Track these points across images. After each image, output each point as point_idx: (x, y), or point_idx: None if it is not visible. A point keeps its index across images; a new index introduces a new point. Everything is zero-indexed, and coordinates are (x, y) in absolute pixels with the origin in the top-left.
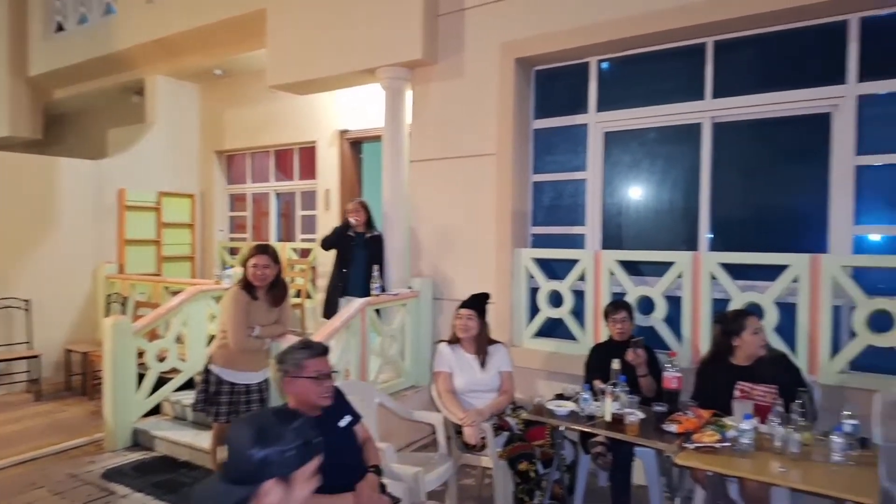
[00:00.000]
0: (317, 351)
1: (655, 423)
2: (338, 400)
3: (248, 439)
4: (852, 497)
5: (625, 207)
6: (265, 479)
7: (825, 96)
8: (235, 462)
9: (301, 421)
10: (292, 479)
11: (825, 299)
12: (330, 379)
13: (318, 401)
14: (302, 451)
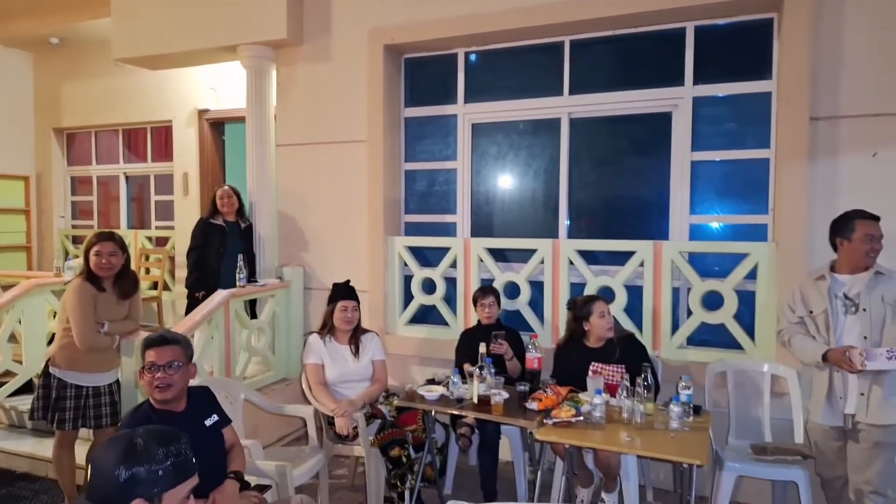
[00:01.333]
0: (152, 341)
1: (519, 402)
2: (205, 397)
3: (115, 457)
4: (686, 459)
5: (492, 197)
6: (132, 499)
7: (666, 97)
8: (99, 481)
9: (179, 442)
10: (163, 500)
11: (666, 281)
12: (163, 371)
13: (151, 393)
14: (173, 472)
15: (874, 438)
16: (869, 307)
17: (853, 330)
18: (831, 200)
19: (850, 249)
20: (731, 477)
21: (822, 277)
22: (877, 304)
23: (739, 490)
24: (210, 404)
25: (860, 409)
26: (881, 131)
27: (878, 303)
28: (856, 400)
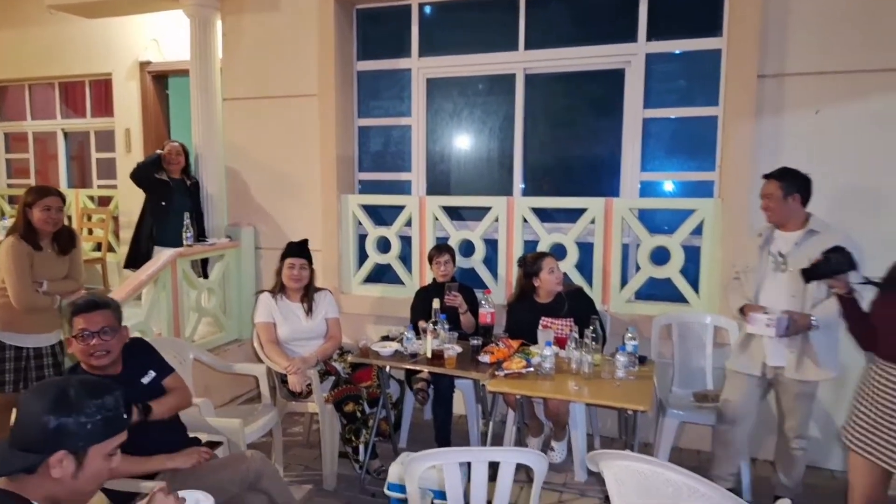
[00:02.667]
0: (80, 307)
1: (471, 356)
2: (142, 356)
3: (45, 405)
4: (630, 405)
5: (448, 154)
6: (56, 450)
7: (620, 53)
8: (25, 427)
9: (112, 396)
10: (87, 453)
11: (616, 238)
12: (98, 337)
13: (86, 360)
14: (102, 426)
15: (795, 390)
16: (795, 266)
17: (782, 288)
18: (775, 157)
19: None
20: (673, 423)
21: (761, 234)
22: (804, 263)
23: (683, 436)
24: (147, 360)
25: (789, 364)
26: (824, 89)
27: (806, 262)
28: (784, 354)
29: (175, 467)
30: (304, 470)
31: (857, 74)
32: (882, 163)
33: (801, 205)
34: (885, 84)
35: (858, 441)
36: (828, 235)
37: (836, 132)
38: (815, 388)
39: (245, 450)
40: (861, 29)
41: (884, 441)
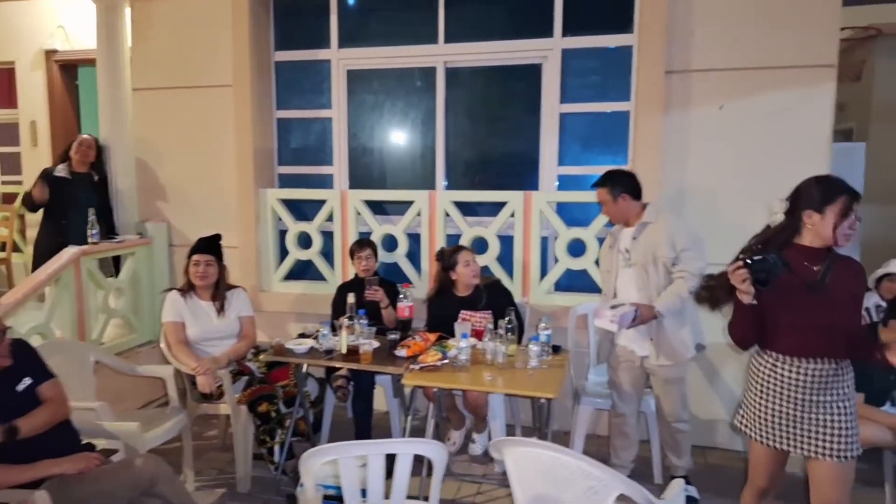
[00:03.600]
0: None
1: (389, 350)
2: (19, 361)
3: None
4: (539, 393)
5: (370, 148)
6: None
7: (537, 48)
8: None
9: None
10: None
11: (535, 231)
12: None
13: None
14: None
15: (663, 376)
16: (637, 260)
17: (630, 282)
18: (683, 150)
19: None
20: (587, 410)
21: (613, 232)
22: (642, 255)
23: (601, 423)
24: (24, 365)
25: (650, 353)
26: (727, 85)
27: (643, 254)
28: (645, 344)
29: (61, 472)
30: (218, 474)
31: (756, 71)
32: (778, 154)
33: (632, 201)
34: (781, 80)
35: (754, 428)
36: (657, 224)
37: (738, 126)
38: (682, 373)
39: (141, 454)
40: (759, 28)
41: (776, 425)
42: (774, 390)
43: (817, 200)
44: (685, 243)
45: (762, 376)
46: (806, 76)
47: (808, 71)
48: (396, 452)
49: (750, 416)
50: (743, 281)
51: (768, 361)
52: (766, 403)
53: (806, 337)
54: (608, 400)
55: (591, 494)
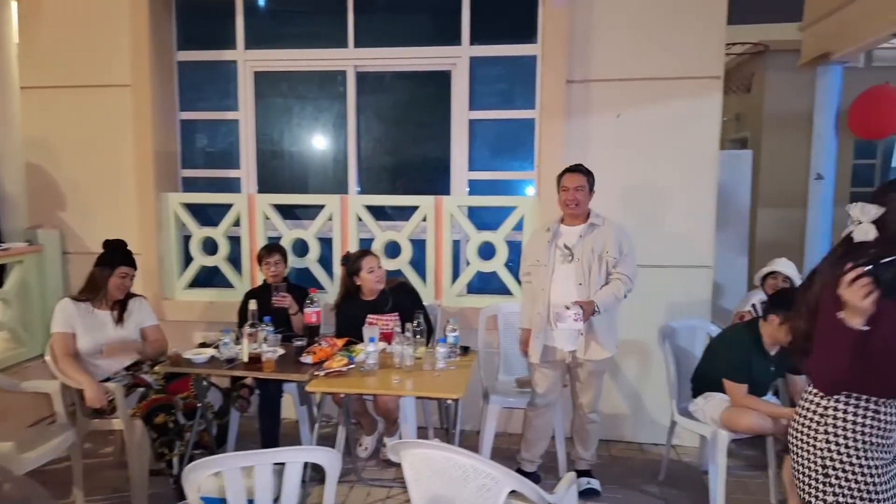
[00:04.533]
0: None
1: (294, 357)
2: None
3: None
4: (444, 395)
5: (280, 151)
6: None
7: (446, 55)
8: None
9: None
10: None
11: (447, 234)
12: None
13: None
14: None
15: (589, 368)
16: (582, 257)
17: (570, 278)
18: (584, 157)
19: (559, 201)
20: (495, 408)
21: (549, 229)
22: (588, 253)
23: (511, 421)
24: None
25: (580, 348)
26: (624, 95)
27: (589, 252)
28: (575, 339)
29: None
30: (113, 492)
31: (650, 81)
32: (671, 160)
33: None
34: (673, 90)
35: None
36: (606, 227)
37: (634, 133)
38: (605, 367)
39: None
40: (653, 40)
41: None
42: (881, 444)
43: None
44: (628, 249)
45: (861, 429)
46: (696, 87)
47: (697, 82)
48: (284, 461)
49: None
50: (866, 295)
51: (866, 408)
52: (873, 462)
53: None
54: (518, 398)
55: (484, 492)
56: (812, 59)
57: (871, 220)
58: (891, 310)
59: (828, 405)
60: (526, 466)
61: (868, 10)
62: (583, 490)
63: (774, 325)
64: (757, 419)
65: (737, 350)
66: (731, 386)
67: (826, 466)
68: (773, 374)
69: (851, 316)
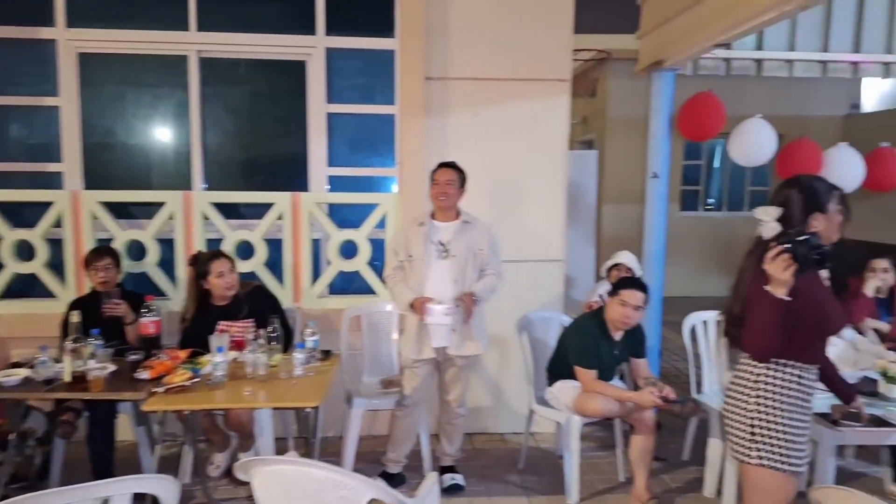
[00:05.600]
0: None
1: (129, 373)
2: None
3: None
4: (299, 404)
5: (112, 143)
6: None
7: (300, 44)
8: None
9: None
10: None
11: (305, 233)
12: None
13: None
14: None
15: (459, 364)
16: (458, 254)
17: (446, 274)
18: (444, 154)
19: (430, 194)
20: (359, 412)
21: (423, 224)
22: (463, 250)
23: (377, 423)
24: None
25: (452, 344)
26: (481, 94)
27: (465, 249)
28: (447, 335)
29: None
30: None
31: (504, 81)
32: (524, 158)
33: (460, 198)
34: (526, 91)
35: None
36: (478, 226)
37: (490, 132)
38: (474, 362)
39: None
40: (506, 42)
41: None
42: (801, 406)
43: (818, 202)
44: (496, 248)
45: (786, 392)
46: (546, 88)
47: (547, 84)
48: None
49: (780, 445)
50: (786, 268)
51: (792, 374)
52: (793, 422)
53: (825, 342)
54: (384, 399)
55: (344, 503)
56: (647, 66)
57: (776, 219)
58: (807, 282)
59: (759, 371)
60: (391, 468)
61: (693, 23)
62: (447, 486)
63: (613, 306)
64: (605, 403)
65: (585, 337)
66: (582, 372)
67: (754, 426)
68: (618, 358)
69: (776, 288)
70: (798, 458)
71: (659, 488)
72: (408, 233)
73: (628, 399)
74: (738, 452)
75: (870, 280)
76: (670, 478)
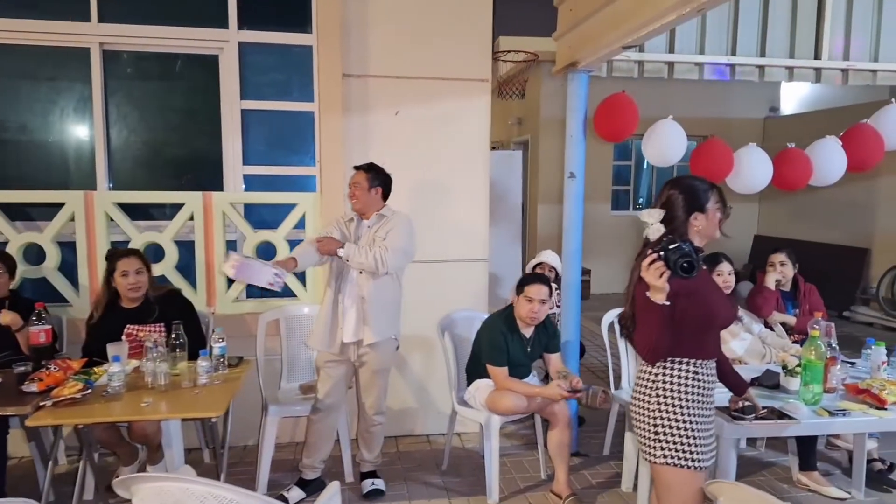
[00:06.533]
0: None
1: (16, 386)
2: None
3: None
4: (198, 414)
5: (6, 140)
6: None
7: (211, 38)
8: None
9: None
10: None
11: (219, 234)
12: None
13: None
14: None
15: (373, 367)
16: (365, 244)
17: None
18: (365, 153)
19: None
20: (274, 420)
21: (352, 220)
22: (370, 240)
23: (297, 430)
24: None
25: (366, 335)
26: (402, 92)
27: (371, 242)
28: (353, 326)
29: None
30: None
31: (425, 80)
32: (446, 158)
33: (380, 199)
34: (447, 90)
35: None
36: (393, 218)
37: (412, 131)
38: (389, 363)
39: None
40: (427, 42)
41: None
42: (701, 401)
43: (698, 201)
44: (400, 232)
45: (684, 389)
46: (467, 88)
47: (468, 84)
48: None
49: (682, 443)
50: (661, 276)
51: (687, 370)
52: (695, 419)
53: (717, 337)
54: (303, 405)
55: None
56: (564, 67)
57: (659, 221)
58: (682, 286)
59: (655, 371)
60: (307, 474)
61: (604, 24)
62: (367, 492)
63: (520, 303)
64: (514, 400)
65: (494, 334)
66: (492, 369)
67: (657, 426)
68: (531, 354)
69: (654, 294)
70: (703, 454)
71: (579, 484)
72: (341, 227)
73: (538, 394)
74: (645, 452)
75: (770, 274)
76: (590, 473)
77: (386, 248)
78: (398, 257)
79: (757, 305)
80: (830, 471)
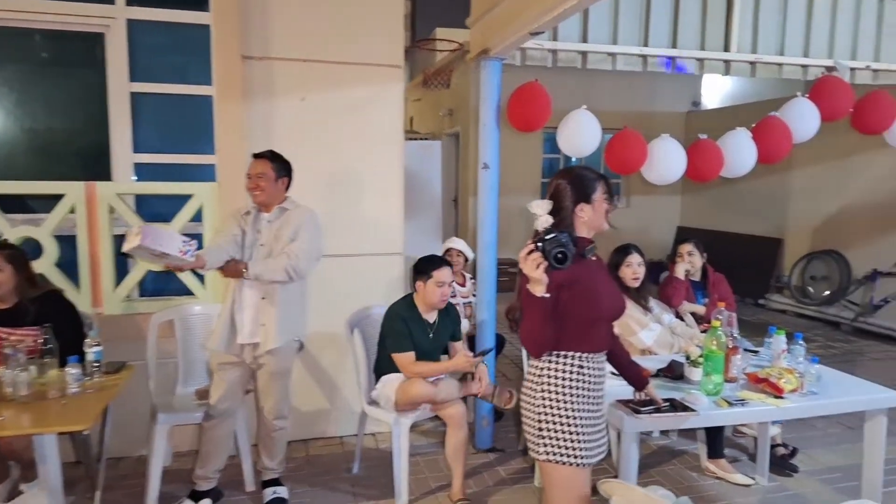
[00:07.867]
0: None
1: None
2: None
3: None
4: (62, 428)
5: None
6: None
7: (95, 14)
8: None
9: None
10: None
11: (104, 228)
12: None
13: None
14: None
15: (271, 369)
16: (266, 242)
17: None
18: (268, 140)
19: (247, 189)
20: (164, 428)
21: (248, 213)
22: (271, 239)
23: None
24: None
25: (262, 337)
26: (308, 77)
27: (273, 238)
28: (251, 327)
29: None
30: None
31: (334, 65)
32: (357, 145)
33: (284, 190)
34: (357, 75)
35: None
36: (295, 213)
37: (320, 117)
38: (288, 366)
39: None
40: (335, 24)
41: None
42: (587, 395)
43: (584, 192)
44: (305, 230)
45: (568, 383)
46: (378, 74)
47: (379, 69)
48: None
49: (565, 439)
50: (537, 266)
51: (572, 364)
52: (579, 414)
53: (609, 328)
54: (198, 411)
55: None
56: (476, 55)
57: (548, 212)
58: (573, 272)
59: (541, 365)
60: (201, 485)
61: (512, 10)
62: (269, 500)
63: (430, 289)
64: (424, 387)
65: (395, 321)
66: (398, 357)
67: (540, 421)
68: (433, 340)
69: (534, 286)
70: (587, 451)
71: (491, 479)
72: (239, 221)
73: (447, 369)
74: (530, 447)
75: (679, 264)
76: (504, 469)
77: (296, 255)
78: (310, 262)
79: (667, 296)
80: (738, 457)
